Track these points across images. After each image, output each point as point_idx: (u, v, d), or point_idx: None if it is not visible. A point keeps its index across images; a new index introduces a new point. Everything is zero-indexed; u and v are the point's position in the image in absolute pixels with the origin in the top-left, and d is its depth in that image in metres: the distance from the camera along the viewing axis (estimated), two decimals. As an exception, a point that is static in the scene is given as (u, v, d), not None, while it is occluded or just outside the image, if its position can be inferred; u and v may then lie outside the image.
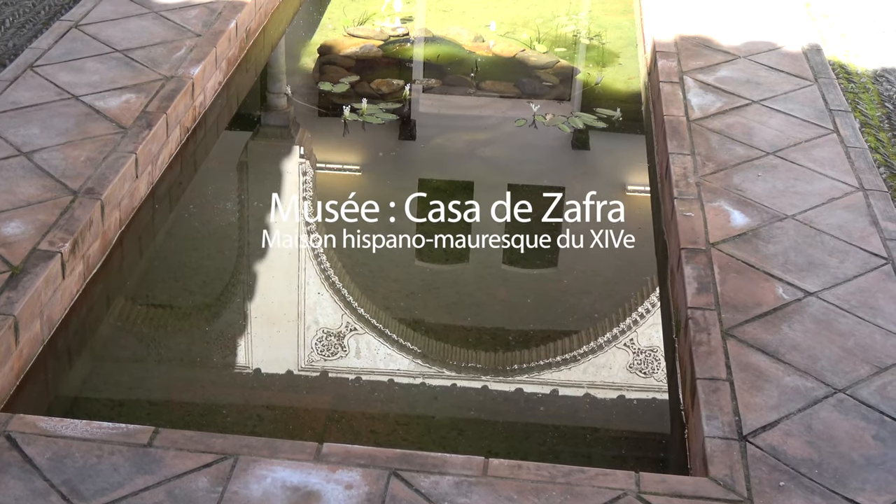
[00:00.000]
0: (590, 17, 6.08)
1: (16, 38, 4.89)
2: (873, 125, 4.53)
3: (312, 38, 5.68)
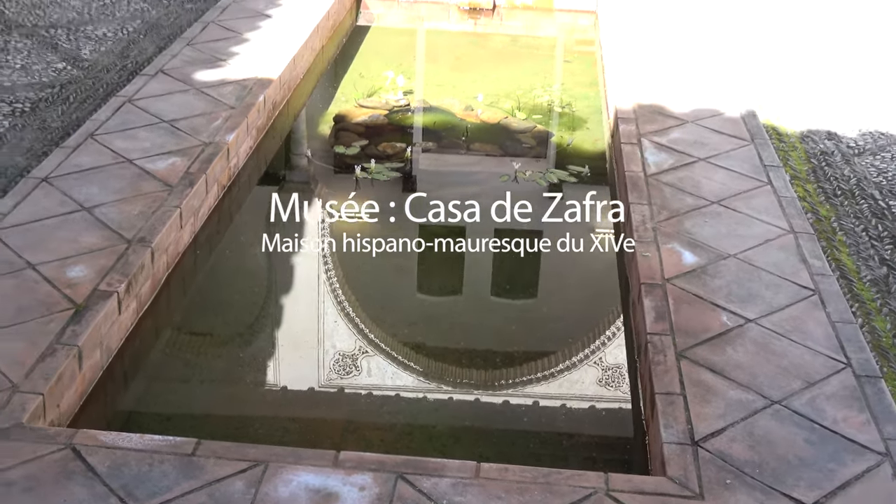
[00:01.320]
0: (562, 89, 6.11)
1: (79, 111, 4.91)
2: (801, 178, 4.55)
3: (328, 109, 5.71)
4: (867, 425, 2.80)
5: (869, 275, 3.83)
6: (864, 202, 4.38)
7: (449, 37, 6.91)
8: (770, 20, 6.78)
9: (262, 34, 5.81)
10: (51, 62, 5.56)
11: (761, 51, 6.19)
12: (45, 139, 4.61)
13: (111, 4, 6.55)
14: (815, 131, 5.08)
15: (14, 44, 5.80)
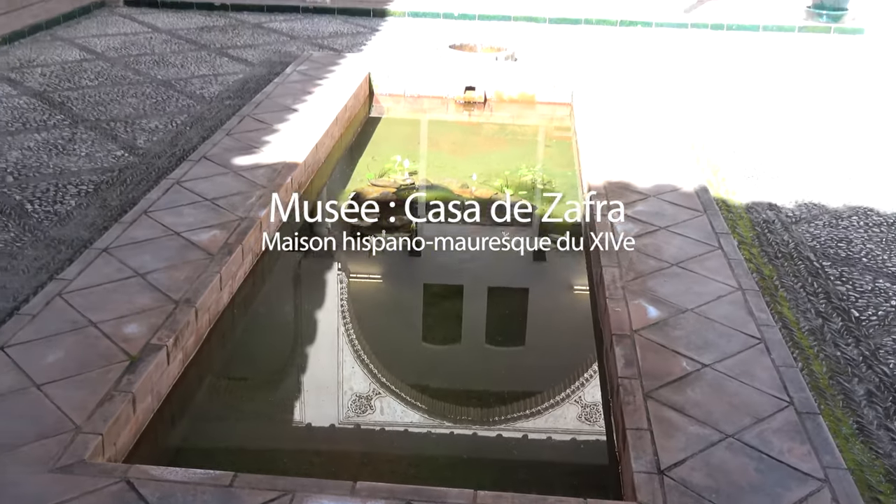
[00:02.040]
0: (543, 169, 6.17)
1: (134, 192, 4.93)
2: (747, 243, 4.56)
3: (346, 188, 5.77)
4: (809, 455, 2.78)
5: (807, 325, 3.82)
6: (801, 263, 4.39)
7: (447, 126, 6.96)
8: (720, 107, 6.85)
9: (290, 125, 5.86)
10: (111, 150, 5.60)
11: (712, 135, 6.24)
12: (105, 216, 4.63)
13: (162, 101, 6.61)
14: (758, 203, 5.11)
15: (80, 135, 5.85)
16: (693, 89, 7.37)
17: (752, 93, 7.36)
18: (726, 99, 7.15)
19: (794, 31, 9.84)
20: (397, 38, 8.97)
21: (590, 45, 8.93)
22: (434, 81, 7.27)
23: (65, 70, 7.38)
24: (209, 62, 7.82)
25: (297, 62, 7.52)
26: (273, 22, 9.53)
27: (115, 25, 9.11)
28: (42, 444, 2.73)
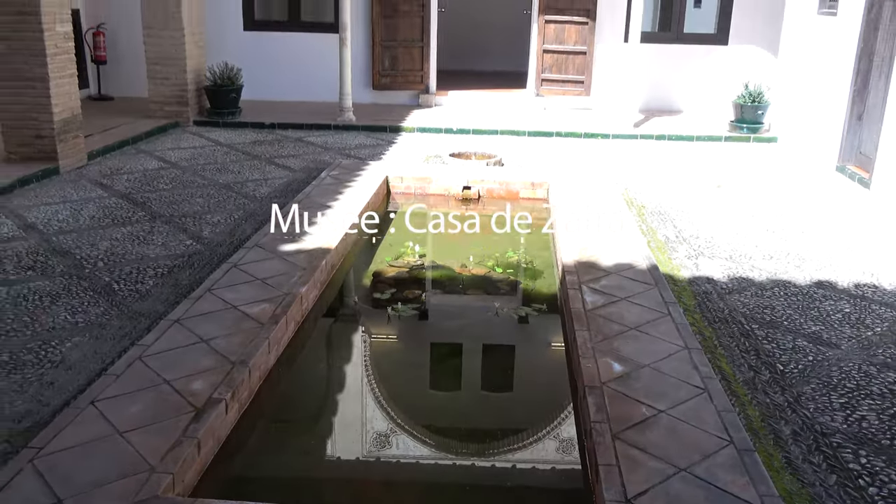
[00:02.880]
0: (526, 251, 6.17)
1: (200, 273, 4.94)
2: (691, 310, 4.55)
3: (369, 268, 5.75)
4: (748, 486, 2.74)
5: (741, 377, 3.79)
6: (734, 326, 4.37)
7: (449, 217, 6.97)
8: (666, 198, 6.90)
9: (325, 219, 5.89)
10: (182, 240, 5.62)
11: (660, 221, 6.27)
12: (177, 293, 4.63)
13: (223, 200, 6.65)
14: (698, 278, 5.11)
15: (157, 228, 5.88)
16: (644, 185, 7.42)
17: (691, 187, 7.41)
18: (671, 192, 7.20)
19: (722, 141, 9.96)
20: (409, 149, 9.07)
21: (560, 152, 9.02)
22: (438, 182, 7.34)
23: (146, 176, 7.45)
24: (260, 169, 7.89)
25: (329, 168, 7.60)
26: (310, 136, 9.66)
27: (186, 141, 9.22)
28: (123, 481, 2.69)
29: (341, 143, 9.32)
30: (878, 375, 3.87)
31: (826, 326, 4.41)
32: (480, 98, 11.87)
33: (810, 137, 9.10)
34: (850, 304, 4.73)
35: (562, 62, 11.56)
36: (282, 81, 11.65)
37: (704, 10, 11.66)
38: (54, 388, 3.54)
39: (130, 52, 11.27)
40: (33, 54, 7.06)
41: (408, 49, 11.58)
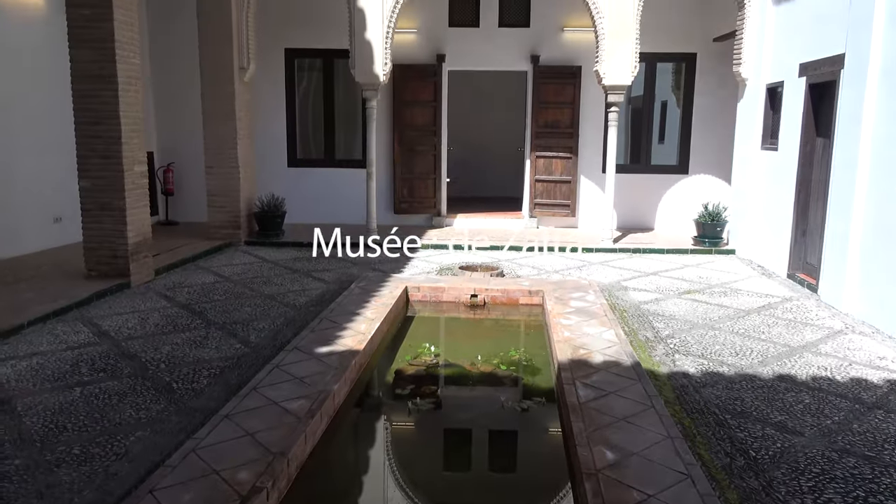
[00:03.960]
0: (526, 350, 6.07)
1: (247, 373, 4.88)
2: (671, 402, 4.42)
3: (391, 367, 5.66)
4: (732, 567, 2.57)
5: (719, 463, 3.65)
6: (710, 417, 4.24)
7: (460, 322, 6.94)
8: (643, 301, 6.84)
9: (354, 323, 5.85)
10: (232, 344, 5.58)
11: (640, 322, 6.20)
12: (227, 391, 4.55)
13: (267, 309, 6.64)
14: (675, 373, 5.00)
15: (212, 334, 5.85)
16: (624, 291, 7.39)
17: (665, 293, 7.37)
18: (648, 298, 7.15)
19: (688, 253, 9.97)
20: (425, 263, 9.10)
21: (552, 264, 9.04)
22: (450, 291, 7.32)
23: (203, 289, 7.47)
24: (299, 281, 7.91)
25: (358, 281, 7.61)
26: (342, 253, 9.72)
27: (238, 258, 9.30)
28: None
29: (367, 258, 9.37)
30: (839, 461, 3.72)
31: (790, 416, 4.28)
32: (484, 219, 12.03)
33: (763, 250, 9.11)
34: (810, 396, 4.60)
35: (551, 189, 11.76)
36: (318, 208, 11.86)
37: (667, 145, 11.93)
38: (118, 479, 3.43)
39: (194, 186, 11.56)
40: (114, 189, 7.23)
41: (423, 180, 11.83)
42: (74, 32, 7.04)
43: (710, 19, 11.22)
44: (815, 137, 7.90)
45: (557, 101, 11.52)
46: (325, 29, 11.46)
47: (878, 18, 6.38)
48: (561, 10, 11.34)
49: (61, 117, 8.69)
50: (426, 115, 11.64)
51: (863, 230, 6.59)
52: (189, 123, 11.26)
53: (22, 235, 8.75)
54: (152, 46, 11.44)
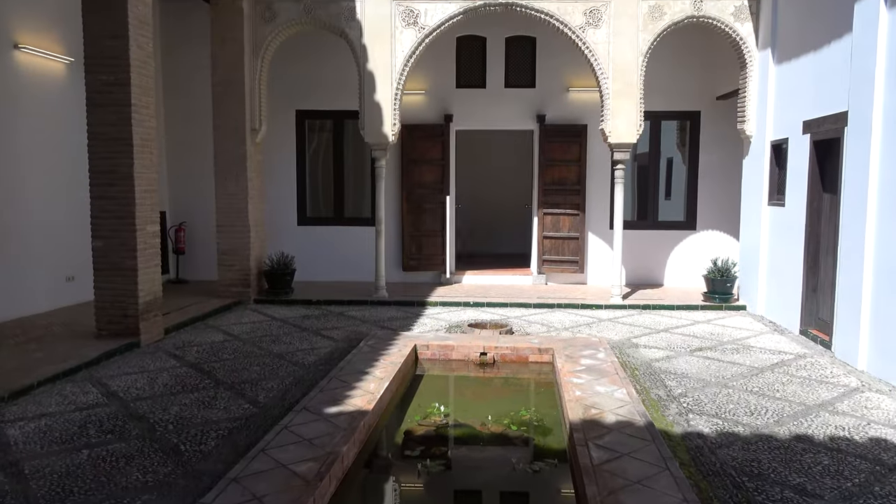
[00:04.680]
0: (536, 410, 5.99)
1: (255, 435, 4.82)
2: (686, 464, 4.33)
3: (401, 427, 5.58)
4: None
5: (738, 528, 3.55)
6: (726, 479, 4.15)
7: (469, 380, 6.88)
8: (654, 358, 6.77)
9: (363, 382, 5.81)
10: (240, 404, 5.53)
11: (652, 380, 6.12)
12: (235, 453, 4.49)
13: (276, 368, 6.61)
14: (690, 433, 4.91)
15: (220, 394, 5.81)
16: (635, 349, 7.32)
17: (677, 350, 7.30)
18: (660, 355, 7.08)
19: (698, 309, 9.91)
20: (434, 320, 9.08)
21: (562, 321, 9.00)
22: (459, 350, 7.27)
23: (212, 348, 7.46)
24: (308, 340, 7.90)
25: (367, 339, 7.59)
26: (351, 311, 9.72)
27: (247, 316, 9.30)
28: None
29: (377, 316, 9.36)
30: (862, 525, 3.62)
31: (809, 478, 4.17)
32: (493, 276, 12.04)
33: (774, 305, 9.05)
34: (829, 457, 4.50)
35: (559, 245, 11.79)
36: (327, 265, 11.92)
37: (674, 201, 12.01)
38: (123, 544, 3.37)
39: (204, 244, 11.66)
40: (126, 249, 7.30)
41: (431, 238, 11.90)
42: (92, 97, 7.24)
43: (712, 78, 11.43)
44: (822, 193, 7.94)
45: (564, 159, 11.66)
46: (336, 91, 11.73)
47: (879, 77, 6.49)
48: (566, 71, 11.59)
49: (75, 178, 8.87)
50: (434, 174, 11.80)
51: (874, 286, 6.55)
52: (201, 183, 11.45)
53: (35, 294, 8.80)
54: (167, 107, 11.72)
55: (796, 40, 8.53)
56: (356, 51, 10.03)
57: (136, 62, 7.25)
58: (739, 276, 10.09)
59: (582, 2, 9.72)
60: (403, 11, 9.91)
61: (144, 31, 7.41)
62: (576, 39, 9.80)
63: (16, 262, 8.47)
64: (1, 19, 8.16)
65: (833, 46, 7.51)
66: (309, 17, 10.00)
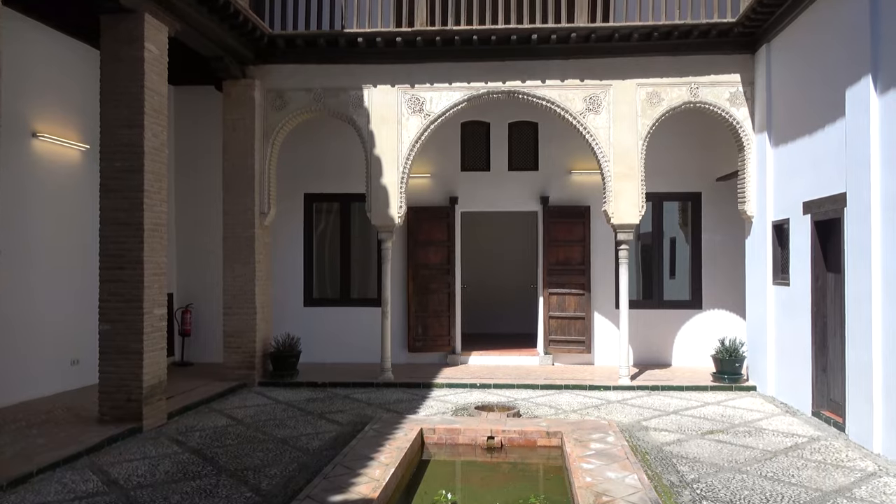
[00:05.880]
0: (546, 497, 5.81)
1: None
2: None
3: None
4: None
5: None
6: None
7: (476, 465, 6.73)
8: (663, 439, 6.62)
9: (368, 469, 5.68)
10: (243, 492, 5.40)
11: (661, 461, 5.97)
12: (236, 545, 4.36)
13: (280, 454, 6.49)
14: None
15: (223, 481, 5.69)
16: (645, 432, 7.17)
17: (688, 433, 7.15)
18: (671, 438, 6.93)
19: (708, 390, 9.77)
20: (440, 403, 8.95)
21: (570, 403, 8.86)
22: (466, 434, 7.14)
23: (215, 432, 7.35)
24: (313, 424, 7.78)
25: (372, 422, 7.47)
26: (356, 393, 9.61)
27: (252, 399, 9.20)
28: None
29: (382, 398, 9.24)
30: None
31: (830, 570, 4.02)
32: (499, 356, 11.95)
33: (785, 386, 8.92)
34: (849, 547, 4.35)
35: (565, 325, 11.75)
36: (333, 346, 11.86)
37: (679, 280, 12.03)
38: None
39: (210, 326, 11.67)
40: (133, 332, 7.31)
41: (437, 318, 11.88)
42: (106, 183, 7.42)
43: (712, 160, 11.66)
44: (826, 272, 7.96)
45: (568, 240, 11.77)
46: (343, 175, 11.99)
47: (875, 160, 6.62)
48: (567, 154, 11.86)
49: (84, 261, 8.98)
50: (440, 255, 11.89)
51: (884, 366, 6.47)
52: (209, 264, 11.56)
53: (39, 378, 8.76)
54: (178, 188, 11.95)
55: (791, 124, 8.75)
56: (363, 136, 10.31)
57: (150, 149, 7.47)
58: (748, 355, 9.99)
59: (582, 89, 10.05)
60: (410, 99, 10.25)
61: (159, 119, 7.67)
62: (577, 125, 10.07)
63: (22, 346, 8.46)
64: (22, 110, 8.47)
65: (827, 130, 7.70)
66: (318, 104, 10.34)
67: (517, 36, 9.81)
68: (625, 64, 10.01)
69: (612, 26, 9.71)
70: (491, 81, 10.15)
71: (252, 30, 9.53)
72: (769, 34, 9.31)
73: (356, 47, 10.15)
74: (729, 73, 9.95)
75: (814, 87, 8.11)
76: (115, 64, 7.42)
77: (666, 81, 9.98)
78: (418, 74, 10.24)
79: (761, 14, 9.01)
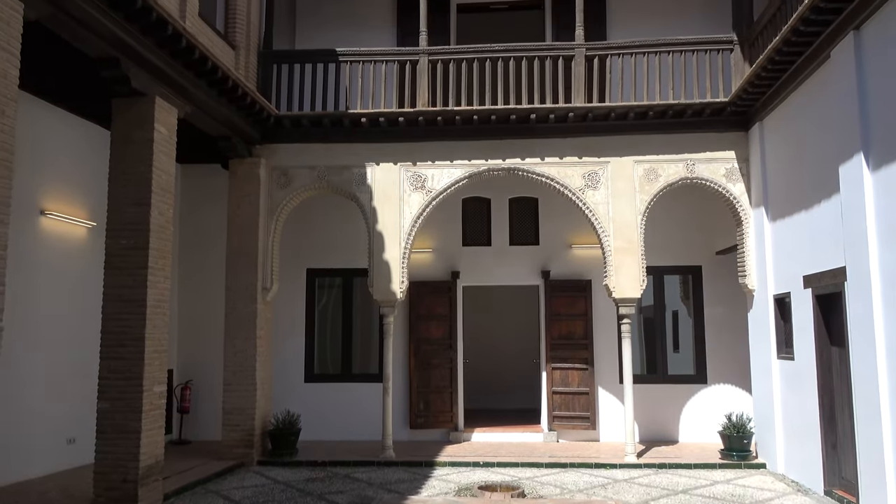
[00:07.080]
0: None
1: None
2: None
3: None
4: None
5: None
6: None
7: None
8: (674, 531, 6.42)
9: (368, 555, 5.49)
10: (239, 579, 5.21)
11: None
12: None
13: (278, 537, 6.29)
14: None
15: (218, 567, 5.50)
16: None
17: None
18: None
19: (716, 468, 9.55)
20: (443, 482, 8.74)
21: (576, 482, 8.64)
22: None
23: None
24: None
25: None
26: (356, 472, 9.40)
27: (250, 480, 9.00)
28: None
29: (383, 478, 9.03)
30: None
31: None
32: (502, 433, 11.74)
33: (795, 463, 8.72)
34: None
35: (569, 401, 11.58)
36: (334, 423, 11.66)
37: (683, 354, 11.93)
38: None
39: (209, 402, 11.50)
40: (132, 411, 7.21)
41: (439, 394, 11.73)
42: (111, 260, 7.47)
43: (711, 234, 11.75)
44: (830, 346, 7.91)
45: (570, 314, 11.74)
46: (345, 250, 12.08)
47: (871, 235, 6.68)
48: (568, 229, 11.97)
49: (82, 338, 8.95)
50: (442, 329, 11.85)
51: (895, 444, 6.34)
52: (209, 340, 11.49)
53: (34, 457, 8.58)
54: (181, 262, 11.99)
55: (788, 198, 8.87)
56: (366, 212, 10.45)
57: (155, 227, 7.56)
58: (755, 431, 9.80)
59: (580, 166, 10.25)
60: (411, 177, 10.44)
61: (166, 198, 7.80)
62: (576, 200, 10.22)
63: (17, 425, 8.33)
64: (31, 188, 8.61)
65: (823, 205, 7.80)
66: (322, 182, 10.53)
67: (516, 115, 10.08)
68: (622, 141, 10.25)
69: (609, 106, 9.99)
70: (491, 159, 10.37)
71: (259, 111, 9.80)
72: (761, 113, 9.56)
73: (360, 127, 10.41)
74: (724, 150, 10.16)
75: (808, 164, 8.27)
76: (125, 144, 7.59)
77: (662, 158, 10.18)
78: (420, 152, 10.47)
79: (753, 94, 9.28)
